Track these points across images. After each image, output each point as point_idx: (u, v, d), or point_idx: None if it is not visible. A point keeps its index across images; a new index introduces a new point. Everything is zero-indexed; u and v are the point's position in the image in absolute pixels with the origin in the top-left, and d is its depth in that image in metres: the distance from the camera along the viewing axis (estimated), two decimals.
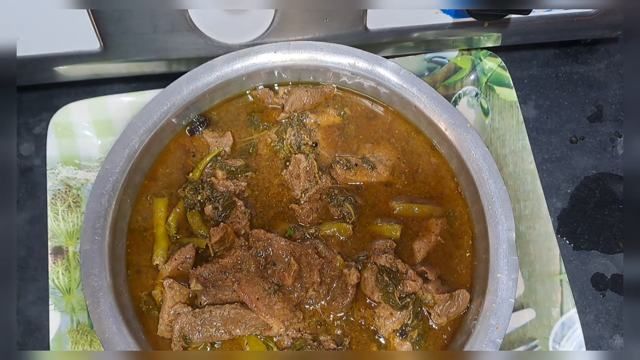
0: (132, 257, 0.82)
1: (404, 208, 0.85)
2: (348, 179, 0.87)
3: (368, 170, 0.87)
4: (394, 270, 0.80)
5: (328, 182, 0.86)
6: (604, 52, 1.08)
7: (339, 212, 0.84)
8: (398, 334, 0.79)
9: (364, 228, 0.84)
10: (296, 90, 0.89)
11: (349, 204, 0.84)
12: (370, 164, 0.87)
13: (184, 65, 0.90)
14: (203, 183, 0.85)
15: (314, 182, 0.86)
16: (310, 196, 0.85)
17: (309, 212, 0.84)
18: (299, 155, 0.87)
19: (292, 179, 0.86)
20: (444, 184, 0.88)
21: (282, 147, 0.88)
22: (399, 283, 0.79)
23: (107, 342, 0.74)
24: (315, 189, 0.85)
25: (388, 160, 0.89)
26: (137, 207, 0.84)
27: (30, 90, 0.99)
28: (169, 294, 0.78)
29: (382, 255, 0.80)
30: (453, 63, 0.95)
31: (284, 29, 0.86)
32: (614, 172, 1.00)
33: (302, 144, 0.88)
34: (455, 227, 0.85)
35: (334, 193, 0.85)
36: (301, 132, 0.88)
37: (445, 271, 0.83)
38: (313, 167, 0.86)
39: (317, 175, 0.86)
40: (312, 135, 0.89)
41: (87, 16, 0.80)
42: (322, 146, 0.89)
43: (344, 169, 0.86)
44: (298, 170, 0.86)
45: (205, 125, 0.88)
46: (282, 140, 0.89)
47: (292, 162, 0.87)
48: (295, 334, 0.78)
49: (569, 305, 0.82)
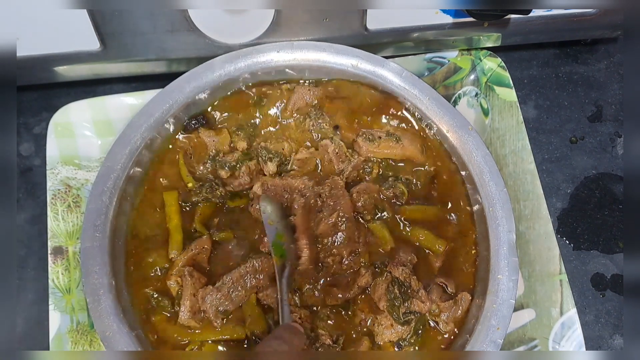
0: (132, 256, 0.82)
1: (415, 210, 0.85)
2: (371, 151, 0.86)
3: (393, 142, 0.86)
4: (407, 285, 0.79)
5: (361, 157, 0.86)
6: (604, 52, 1.08)
7: (391, 194, 0.84)
8: (394, 345, 0.78)
9: (404, 229, 0.84)
10: (298, 89, 0.89)
11: (400, 184, 0.84)
12: (395, 136, 0.86)
13: (184, 65, 0.90)
14: (213, 180, 0.85)
15: (347, 161, 0.85)
16: (347, 175, 0.85)
17: (358, 196, 0.84)
18: (324, 141, 0.86)
19: (326, 165, 0.86)
20: (446, 184, 0.87)
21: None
22: (408, 299, 0.78)
23: (108, 340, 0.74)
24: (351, 166, 0.85)
25: (414, 137, 0.87)
26: (137, 205, 0.84)
27: (30, 90, 0.99)
28: (190, 281, 0.77)
29: (399, 267, 0.80)
30: (453, 63, 0.95)
31: (283, 29, 0.86)
32: (614, 172, 1.00)
33: (322, 131, 0.87)
34: (460, 229, 0.85)
35: (371, 170, 0.86)
36: (320, 121, 0.88)
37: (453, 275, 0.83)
38: (341, 147, 0.86)
39: (347, 153, 0.86)
40: (331, 122, 0.88)
41: (86, 16, 0.80)
42: (344, 128, 0.88)
43: (366, 141, 0.85)
44: (329, 156, 0.85)
45: (202, 124, 0.88)
46: (302, 132, 0.88)
47: (320, 150, 0.86)
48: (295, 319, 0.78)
49: (568, 305, 0.82)
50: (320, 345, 0.76)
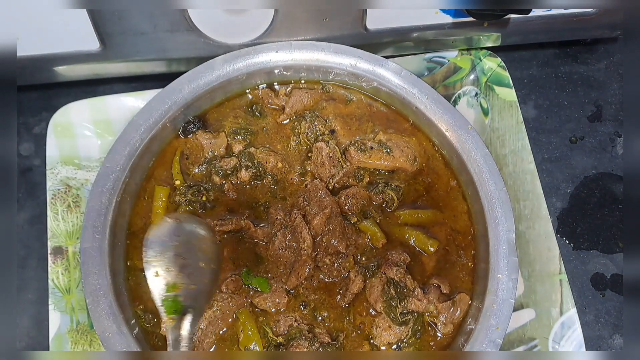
0: (132, 256, 0.82)
1: (408, 214, 0.85)
2: (362, 161, 0.86)
3: (383, 154, 0.86)
4: (402, 285, 0.79)
5: (354, 165, 0.86)
6: (603, 52, 1.08)
7: (380, 199, 0.85)
8: (393, 347, 0.78)
9: (396, 229, 0.84)
10: (296, 92, 0.89)
11: (390, 190, 0.84)
12: (387, 147, 0.86)
13: (183, 65, 0.90)
14: (202, 185, 0.85)
15: (339, 166, 0.85)
16: (338, 181, 0.85)
17: (346, 199, 0.84)
18: (319, 144, 0.86)
19: (318, 168, 0.86)
20: (444, 184, 0.88)
21: (299, 142, 0.88)
22: (404, 299, 0.78)
23: (107, 340, 0.74)
24: (342, 173, 0.85)
25: (406, 147, 0.87)
26: (136, 205, 0.84)
27: (30, 90, 0.99)
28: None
29: (393, 267, 0.80)
30: (453, 63, 0.95)
31: (283, 29, 0.86)
32: (614, 172, 1.00)
33: (318, 134, 0.87)
34: (458, 230, 0.85)
35: (358, 175, 0.86)
36: (315, 122, 0.88)
37: (448, 276, 0.83)
38: (335, 152, 0.86)
39: (341, 159, 0.86)
40: (328, 125, 0.89)
41: (86, 16, 0.80)
42: (340, 133, 0.89)
43: (358, 151, 0.86)
44: (322, 158, 0.85)
45: (199, 126, 0.87)
46: (298, 135, 0.88)
47: (314, 151, 0.86)
48: (291, 322, 0.78)
49: (568, 305, 0.82)
50: (319, 344, 0.76)
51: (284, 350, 0.76)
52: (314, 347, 0.76)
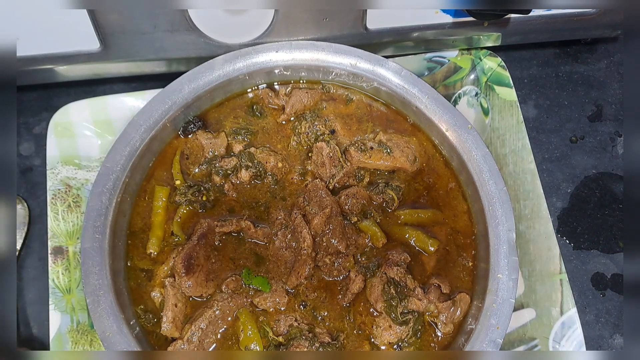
0: (132, 256, 0.82)
1: (408, 214, 0.85)
2: (362, 161, 0.86)
3: (384, 154, 0.86)
4: (402, 284, 0.79)
5: (354, 165, 0.86)
6: (603, 52, 1.08)
7: (380, 199, 0.85)
8: (394, 347, 0.78)
9: (396, 229, 0.84)
10: (297, 92, 0.89)
11: (390, 190, 0.84)
12: (387, 148, 0.86)
13: (183, 65, 0.90)
14: (202, 184, 0.85)
15: (340, 166, 0.85)
16: (338, 180, 0.85)
17: (346, 199, 0.84)
18: (319, 144, 0.86)
19: (318, 167, 0.86)
20: (445, 184, 0.88)
21: (299, 141, 0.88)
22: (405, 299, 0.78)
23: (108, 340, 0.74)
24: (342, 172, 0.85)
25: (406, 147, 0.87)
26: (137, 205, 0.84)
27: (30, 90, 0.99)
28: (171, 292, 0.78)
29: (393, 267, 0.80)
30: (453, 63, 0.95)
31: (283, 29, 0.86)
32: (614, 172, 1.00)
33: (318, 134, 0.87)
34: (458, 230, 0.85)
35: (359, 175, 0.86)
36: (315, 122, 0.88)
37: (448, 276, 0.83)
38: (336, 152, 0.86)
39: (341, 159, 0.86)
40: (328, 125, 0.89)
41: (86, 16, 0.80)
42: (340, 133, 0.89)
43: (358, 151, 0.86)
44: (322, 158, 0.85)
45: (199, 126, 0.87)
46: (298, 135, 0.88)
47: (315, 151, 0.86)
48: (292, 321, 0.78)
49: (569, 304, 0.82)
50: (320, 344, 0.76)
51: (284, 350, 0.76)
52: (314, 347, 0.76)
